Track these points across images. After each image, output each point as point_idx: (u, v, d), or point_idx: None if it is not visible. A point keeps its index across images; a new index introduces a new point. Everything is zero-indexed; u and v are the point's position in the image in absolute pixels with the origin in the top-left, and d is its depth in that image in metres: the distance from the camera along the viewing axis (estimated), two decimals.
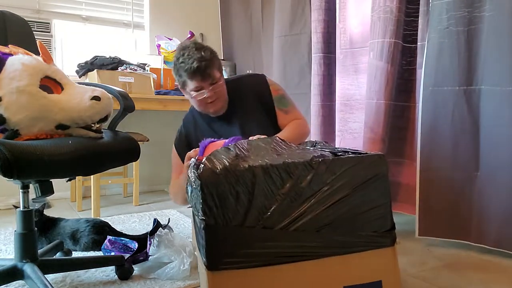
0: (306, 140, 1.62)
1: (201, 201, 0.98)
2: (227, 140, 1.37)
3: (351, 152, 1.16)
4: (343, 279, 1.07)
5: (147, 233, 1.77)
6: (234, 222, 1.00)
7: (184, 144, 1.75)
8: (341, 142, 2.30)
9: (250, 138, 1.35)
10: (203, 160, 1.04)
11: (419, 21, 2.00)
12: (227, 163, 1.02)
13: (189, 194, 1.09)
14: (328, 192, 1.04)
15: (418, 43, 2.02)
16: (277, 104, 1.74)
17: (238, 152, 1.09)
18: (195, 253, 1.57)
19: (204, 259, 1.01)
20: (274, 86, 1.77)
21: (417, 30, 2.02)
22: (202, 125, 1.77)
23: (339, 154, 1.13)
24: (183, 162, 1.58)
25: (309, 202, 1.03)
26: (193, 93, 1.61)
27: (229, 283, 1.01)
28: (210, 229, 0.98)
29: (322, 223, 1.04)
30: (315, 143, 1.42)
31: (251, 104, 1.72)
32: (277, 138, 1.24)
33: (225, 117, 1.72)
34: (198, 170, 1.00)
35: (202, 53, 1.57)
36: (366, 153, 1.13)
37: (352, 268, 1.08)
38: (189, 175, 1.07)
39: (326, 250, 1.05)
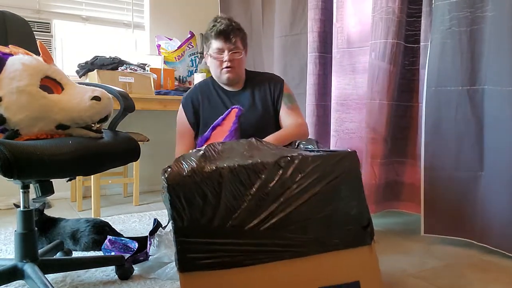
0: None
1: (169, 204, 0.99)
2: (232, 127, 1.43)
3: (324, 151, 1.16)
4: (318, 279, 1.05)
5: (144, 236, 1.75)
6: (202, 223, 0.99)
7: (190, 106, 1.81)
8: (337, 142, 2.30)
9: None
10: (173, 162, 1.05)
11: (422, 21, 2.01)
12: (194, 165, 1.02)
13: (162, 197, 1.09)
14: (297, 191, 1.04)
15: (421, 44, 2.02)
16: (284, 99, 1.81)
17: (208, 154, 1.09)
18: None
19: (176, 261, 1.01)
20: (287, 86, 1.88)
21: (419, 31, 2.03)
22: (214, 95, 1.81)
23: (312, 153, 1.13)
24: (189, 123, 1.77)
25: (279, 202, 1.03)
26: (214, 54, 1.72)
27: (201, 285, 1.01)
28: (179, 231, 0.99)
29: (293, 222, 1.03)
30: (298, 144, 1.42)
31: (264, 95, 1.79)
32: (253, 139, 1.24)
33: (237, 94, 1.80)
34: (165, 174, 1.01)
35: (233, 23, 1.73)
36: (336, 151, 1.13)
37: (328, 268, 1.06)
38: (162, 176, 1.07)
39: (299, 250, 1.04)
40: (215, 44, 1.72)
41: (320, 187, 1.05)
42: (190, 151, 1.15)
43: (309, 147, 1.29)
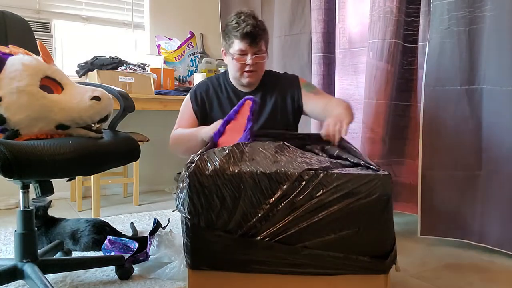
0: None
1: (188, 200, 0.99)
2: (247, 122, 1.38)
3: (361, 164, 1.08)
4: None
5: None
6: (217, 225, 0.99)
7: (199, 100, 1.76)
8: None
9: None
10: (196, 158, 1.04)
11: (420, 21, 2.01)
12: (217, 166, 1.01)
13: (178, 190, 1.08)
14: (316, 206, 0.98)
15: (419, 43, 2.02)
16: (305, 89, 1.76)
17: (233, 154, 1.07)
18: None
19: (186, 257, 1.02)
20: (302, 78, 1.82)
21: (418, 30, 2.03)
22: (224, 94, 1.76)
23: (343, 165, 1.07)
24: (194, 112, 1.71)
25: (295, 215, 0.99)
26: (236, 55, 1.64)
27: (208, 283, 1.02)
28: (193, 228, 0.99)
29: (307, 238, 1.00)
30: (327, 147, 1.34)
31: (279, 98, 1.73)
32: (283, 143, 1.21)
33: (251, 94, 1.69)
34: (188, 169, 1.00)
35: (258, 22, 1.64)
36: (372, 169, 1.04)
37: None
38: (182, 172, 1.06)
39: (309, 268, 1.01)
40: (239, 45, 1.63)
41: (341, 206, 0.99)
42: (216, 148, 1.12)
43: (347, 157, 1.18)
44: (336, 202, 1.00)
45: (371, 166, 1.07)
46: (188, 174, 0.99)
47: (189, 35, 3.20)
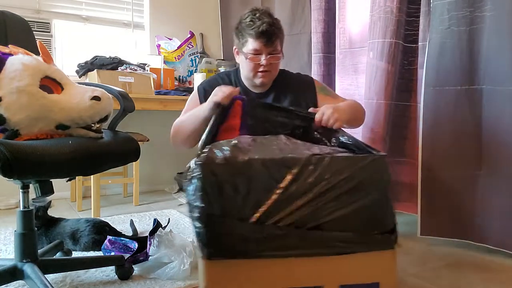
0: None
1: (200, 189, 0.99)
2: None
3: (358, 147, 1.15)
4: (339, 277, 1.06)
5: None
6: (231, 213, 1.00)
7: (208, 94, 1.60)
8: None
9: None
10: (206, 149, 1.05)
11: (420, 21, 2.00)
12: (228, 154, 1.03)
13: (187, 181, 1.08)
14: (324, 189, 1.03)
15: (419, 43, 2.02)
16: (322, 93, 1.70)
17: (240, 145, 1.10)
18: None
19: (200, 247, 1.02)
20: (318, 81, 1.77)
21: (418, 30, 2.02)
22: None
23: (343, 150, 1.12)
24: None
25: (305, 198, 1.03)
26: (250, 55, 1.56)
27: (225, 272, 1.03)
28: (207, 217, 0.99)
29: (318, 220, 1.04)
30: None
31: (293, 100, 1.66)
32: (282, 136, 1.23)
33: (260, 97, 1.66)
34: (199, 158, 1.01)
35: (274, 21, 1.56)
36: (369, 151, 1.11)
37: (350, 268, 1.07)
38: (191, 163, 1.07)
39: (322, 249, 1.04)
40: (253, 44, 1.54)
41: (347, 188, 1.04)
42: (223, 141, 1.13)
43: (345, 138, 1.26)
44: (342, 183, 1.04)
45: (366, 147, 1.15)
46: (200, 163, 1.00)
47: (189, 35, 3.20)
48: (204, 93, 1.66)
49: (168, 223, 1.91)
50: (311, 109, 1.43)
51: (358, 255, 1.06)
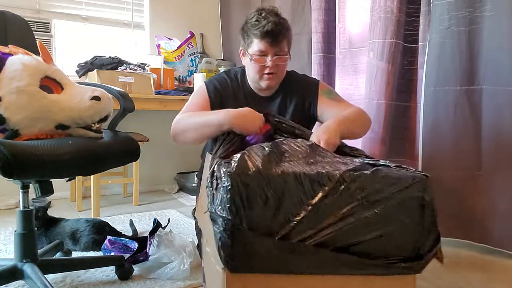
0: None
1: (229, 200, 0.95)
2: None
3: (395, 166, 1.08)
4: None
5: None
6: (259, 226, 0.96)
7: (216, 91, 1.59)
8: None
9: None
10: (237, 157, 1.00)
11: (421, 21, 2.00)
12: (260, 165, 0.99)
13: (212, 188, 1.02)
14: (356, 209, 0.98)
15: (419, 43, 2.02)
16: (325, 96, 1.63)
17: (273, 154, 1.05)
18: (197, 252, 1.57)
19: (222, 259, 0.98)
20: (323, 84, 1.70)
21: (418, 30, 2.02)
22: (241, 97, 1.60)
23: (379, 167, 1.06)
24: (210, 101, 1.53)
25: (336, 218, 0.98)
26: (255, 56, 1.49)
27: (246, 286, 1.00)
28: (234, 230, 0.94)
29: (345, 242, 0.99)
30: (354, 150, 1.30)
31: (297, 104, 1.60)
32: (313, 142, 1.18)
33: (267, 101, 1.59)
34: (231, 168, 0.97)
35: (281, 20, 1.48)
36: (409, 171, 1.04)
37: None
38: (216, 170, 1.02)
39: (347, 270, 1.00)
40: (258, 45, 1.47)
41: (380, 209, 0.98)
42: (255, 146, 1.08)
43: (382, 162, 1.14)
44: (375, 204, 0.99)
45: (403, 166, 1.07)
46: (231, 173, 0.95)
47: (189, 35, 3.20)
48: (213, 88, 1.59)
49: (168, 223, 1.91)
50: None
51: (381, 277, 1.02)
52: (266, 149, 1.07)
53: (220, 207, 0.97)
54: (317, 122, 1.66)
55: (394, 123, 2.11)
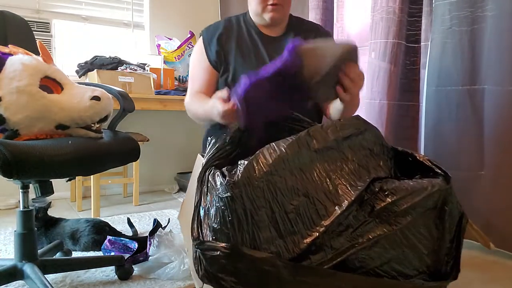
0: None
1: (229, 213, 0.83)
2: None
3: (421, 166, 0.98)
4: None
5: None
6: (262, 246, 0.84)
7: (215, 43, 1.48)
8: None
9: None
10: (246, 163, 0.85)
11: (422, 21, 2.00)
12: (268, 177, 0.85)
13: (209, 194, 0.89)
14: (373, 234, 0.87)
15: (421, 43, 2.02)
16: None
17: (283, 162, 0.89)
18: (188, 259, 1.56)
19: (204, 278, 0.87)
20: (321, 26, 1.63)
21: (420, 30, 2.02)
22: (246, 37, 1.49)
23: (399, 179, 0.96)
24: (210, 62, 1.44)
25: (349, 240, 0.86)
26: None
27: None
28: (233, 247, 0.82)
29: (363, 265, 0.87)
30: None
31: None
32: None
33: (276, 40, 1.49)
34: (235, 176, 0.84)
35: None
36: (432, 174, 0.94)
37: None
38: (215, 179, 0.88)
39: None
40: None
41: (399, 227, 0.87)
42: (269, 145, 0.90)
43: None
44: (395, 220, 0.87)
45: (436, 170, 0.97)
46: (232, 183, 0.83)
47: (189, 35, 3.19)
48: (208, 39, 1.49)
49: (168, 223, 1.91)
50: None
51: None
52: (275, 155, 0.90)
53: (218, 220, 0.85)
54: None
55: (397, 123, 2.11)
